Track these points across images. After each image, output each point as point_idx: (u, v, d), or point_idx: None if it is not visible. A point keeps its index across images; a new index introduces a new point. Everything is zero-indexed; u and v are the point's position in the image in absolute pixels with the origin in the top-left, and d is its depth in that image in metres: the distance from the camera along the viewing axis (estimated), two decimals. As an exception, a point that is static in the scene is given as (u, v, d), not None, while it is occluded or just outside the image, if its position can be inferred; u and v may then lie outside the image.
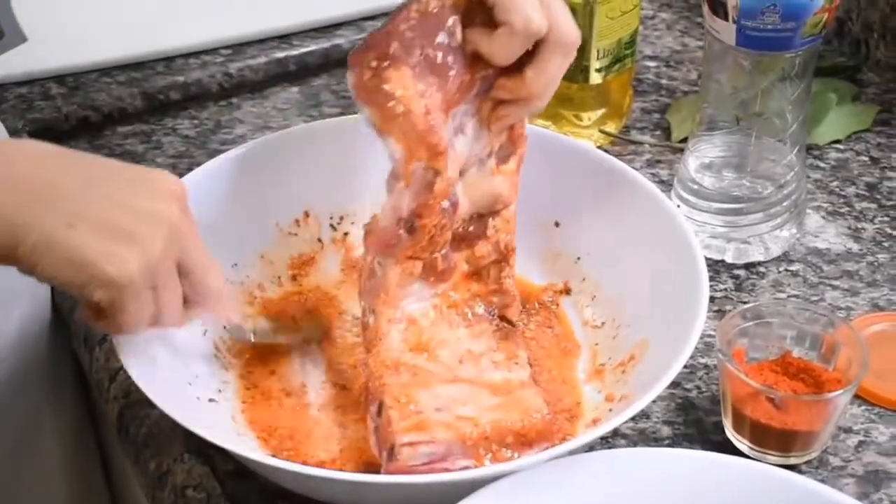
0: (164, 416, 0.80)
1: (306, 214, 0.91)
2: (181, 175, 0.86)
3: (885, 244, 0.96)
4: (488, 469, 0.71)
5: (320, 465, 0.76)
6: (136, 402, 0.82)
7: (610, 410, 0.79)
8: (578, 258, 0.90)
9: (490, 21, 0.75)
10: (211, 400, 0.79)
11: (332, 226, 0.92)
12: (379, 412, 0.76)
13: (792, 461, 0.78)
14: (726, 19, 0.86)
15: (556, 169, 0.90)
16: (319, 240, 0.92)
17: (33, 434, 0.98)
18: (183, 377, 0.78)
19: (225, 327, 0.83)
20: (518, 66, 0.77)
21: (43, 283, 0.66)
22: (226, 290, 0.75)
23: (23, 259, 0.65)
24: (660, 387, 0.72)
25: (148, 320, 0.69)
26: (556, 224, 0.91)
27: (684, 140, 0.99)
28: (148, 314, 0.69)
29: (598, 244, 0.89)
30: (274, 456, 0.76)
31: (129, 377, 0.83)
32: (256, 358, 0.84)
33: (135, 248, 0.65)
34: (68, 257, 0.64)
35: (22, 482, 0.97)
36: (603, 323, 0.86)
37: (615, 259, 0.87)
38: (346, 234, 0.93)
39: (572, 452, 0.71)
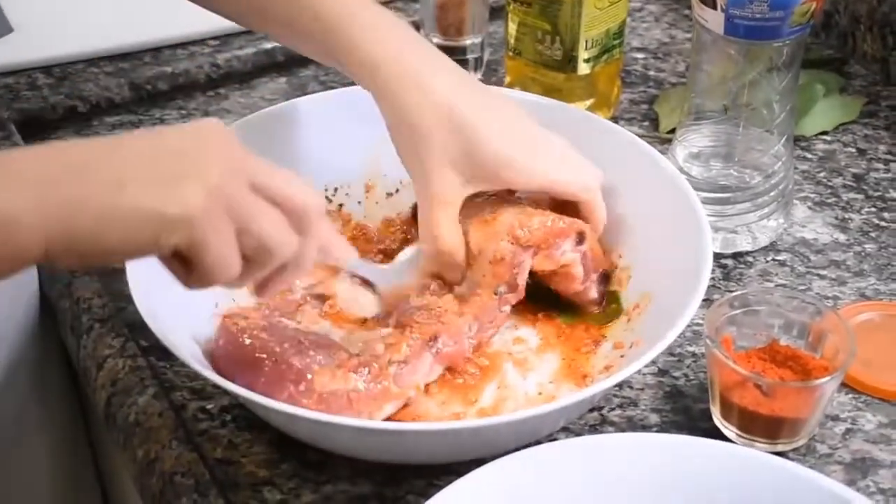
0: (151, 404, 0.80)
1: None
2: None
3: (872, 234, 0.96)
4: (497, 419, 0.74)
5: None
6: (124, 389, 0.82)
7: (622, 357, 0.81)
8: None
9: None
10: None
11: (327, 198, 0.94)
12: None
13: (779, 448, 0.78)
14: (714, 8, 0.86)
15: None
16: None
17: (22, 425, 0.98)
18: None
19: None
20: None
21: (114, 262, 0.62)
22: (326, 211, 0.70)
23: (88, 243, 0.60)
24: (676, 330, 0.74)
25: (258, 257, 0.64)
26: None
27: (672, 131, 1.00)
28: (236, 251, 0.63)
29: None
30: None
31: (116, 364, 0.84)
32: None
33: (190, 180, 0.61)
34: (130, 216, 0.59)
35: (11, 473, 0.97)
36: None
37: (619, 218, 0.89)
38: (340, 205, 0.94)
39: (596, 396, 0.75)
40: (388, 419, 0.77)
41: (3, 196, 0.57)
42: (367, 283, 0.86)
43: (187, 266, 0.64)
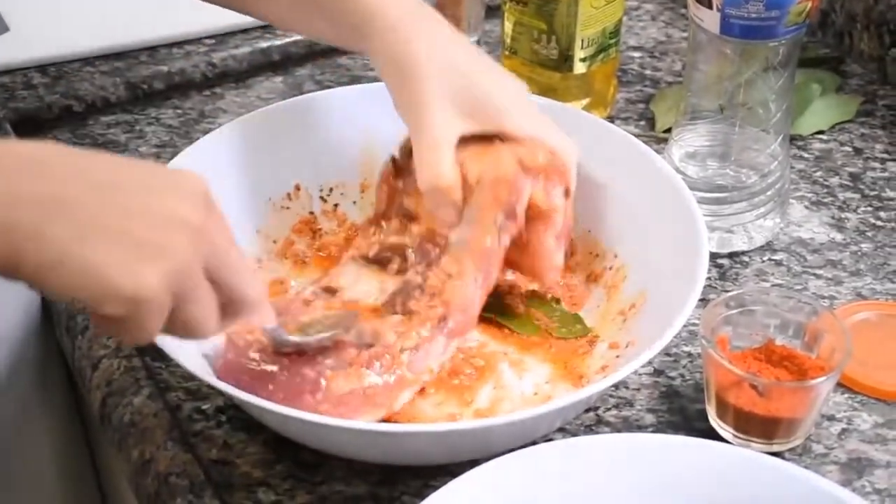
0: (146, 405, 0.80)
1: (297, 188, 0.93)
2: (169, 160, 0.87)
3: (868, 234, 0.96)
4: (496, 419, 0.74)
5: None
6: (119, 390, 0.82)
7: (617, 357, 0.81)
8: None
9: None
10: None
11: (321, 198, 0.94)
12: None
13: (775, 448, 0.78)
14: (710, 7, 0.86)
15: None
16: (311, 212, 0.94)
17: (22, 425, 0.97)
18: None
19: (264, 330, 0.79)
20: None
21: (54, 300, 0.62)
22: (263, 294, 0.70)
23: (30, 276, 0.59)
24: (673, 330, 0.74)
25: (178, 332, 0.64)
26: None
27: (668, 130, 1.00)
28: (175, 327, 0.63)
29: (593, 204, 0.90)
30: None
31: (111, 365, 0.84)
32: None
33: (152, 258, 0.60)
34: (80, 272, 0.58)
35: (11, 473, 0.97)
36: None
37: (614, 218, 0.90)
38: (336, 205, 0.94)
39: (592, 397, 0.76)
40: (385, 420, 0.77)
41: None
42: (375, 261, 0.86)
43: (116, 324, 0.62)
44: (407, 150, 0.86)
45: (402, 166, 0.87)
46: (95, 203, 0.60)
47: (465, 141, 0.83)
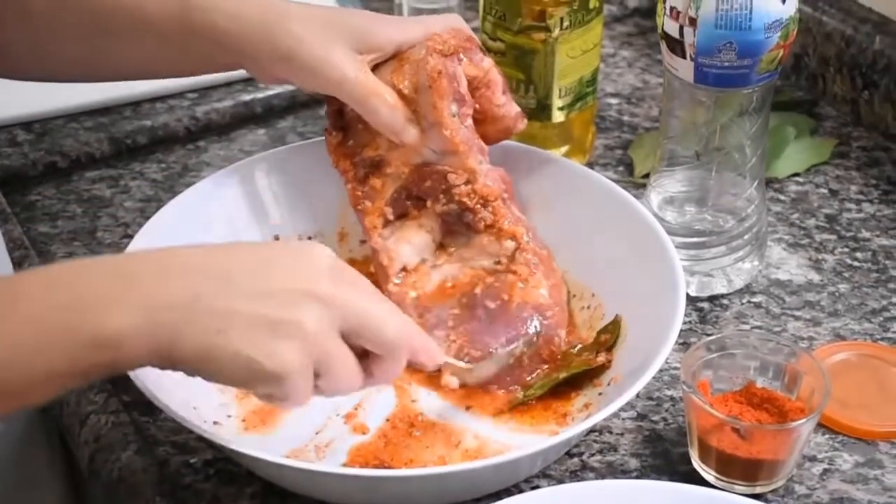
0: (134, 460, 0.80)
1: (276, 238, 0.94)
2: (153, 214, 0.89)
3: (846, 274, 0.98)
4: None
5: None
6: (107, 445, 0.82)
7: (600, 394, 0.83)
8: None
9: None
10: (216, 423, 0.81)
11: None
12: None
13: (758, 490, 0.79)
14: (684, 57, 0.88)
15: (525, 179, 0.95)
16: None
17: (12, 483, 0.97)
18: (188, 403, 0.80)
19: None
20: None
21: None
22: (417, 331, 0.74)
23: (186, 370, 0.65)
24: (648, 375, 0.76)
25: (327, 393, 0.69)
26: None
27: (647, 176, 1.01)
28: (323, 388, 0.68)
29: (568, 241, 0.93)
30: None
31: (99, 420, 0.84)
32: None
33: (287, 336, 0.65)
34: (226, 361, 0.64)
35: None
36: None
37: (589, 256, 0.92)
38: None
39: (573, 440, 0.79)
40: (377, 466, 0.78)
41: (118, 313, 0.63)
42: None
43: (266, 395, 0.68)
44: (334, 113, 0.91)
45: (340, 128, 0.91)
46: (223, 294, 0.65)
47: (376, 69, 0.87)
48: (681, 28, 0.87)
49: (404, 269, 0.90)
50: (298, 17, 0.85)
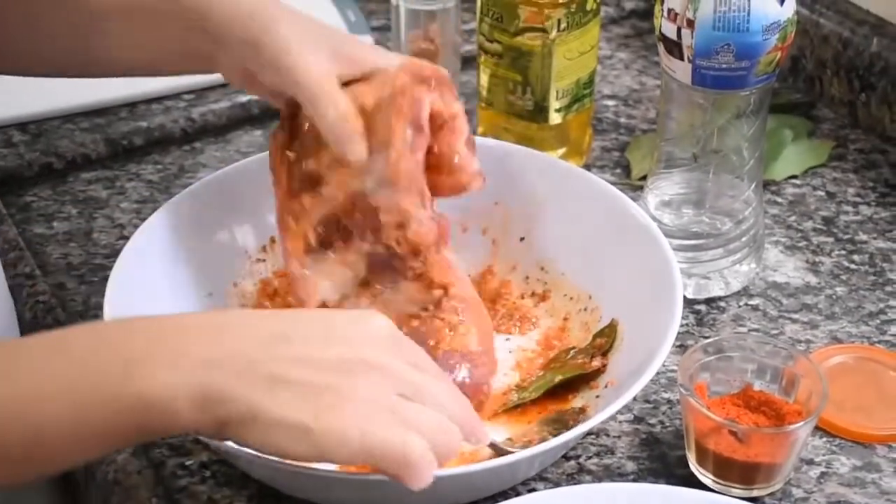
0: (130, 462, 0.80)
1: (272, 240, 0.94)
2: (149, 215, 0.89)
3: (843, 277, 0.98)
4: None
5: None
6: (103, 447, 0.82)
7: (597, 397, 0.83)
8: (542, 268, 0.94)
9: None
10: None
11: None
12: None
13: (755, 493, 0.79)
14: (682, 59, 0.87)
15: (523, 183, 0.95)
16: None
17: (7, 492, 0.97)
18: None
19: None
20: None
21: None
22: (466, 416, 0.70)
23: (234, 436, 0.64)
24: (654, 367, 0.76)
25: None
26: (521, 239, 0.95)
27: (644, 178, 1.01)
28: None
29: (564, 243, 0.93)
30: None
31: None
32: None
33: (332, 403, 0.63)
34: (274, 424, 0.63)
35: None
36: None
37: (585, 259, 0.92)
38: None
39: (570, 443, 0.79)
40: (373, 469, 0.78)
41: (167, 371, 0.62)
42: None
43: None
44: (287, 116, 0.86)
45: (288, 132, 0.86)
46: (273, 357, 0.64)
47: (346, 84, 0.83)
48: (678, 30, 0.86)
49: (324, 304, 0.85)
50: (286, 20, 0.82)
